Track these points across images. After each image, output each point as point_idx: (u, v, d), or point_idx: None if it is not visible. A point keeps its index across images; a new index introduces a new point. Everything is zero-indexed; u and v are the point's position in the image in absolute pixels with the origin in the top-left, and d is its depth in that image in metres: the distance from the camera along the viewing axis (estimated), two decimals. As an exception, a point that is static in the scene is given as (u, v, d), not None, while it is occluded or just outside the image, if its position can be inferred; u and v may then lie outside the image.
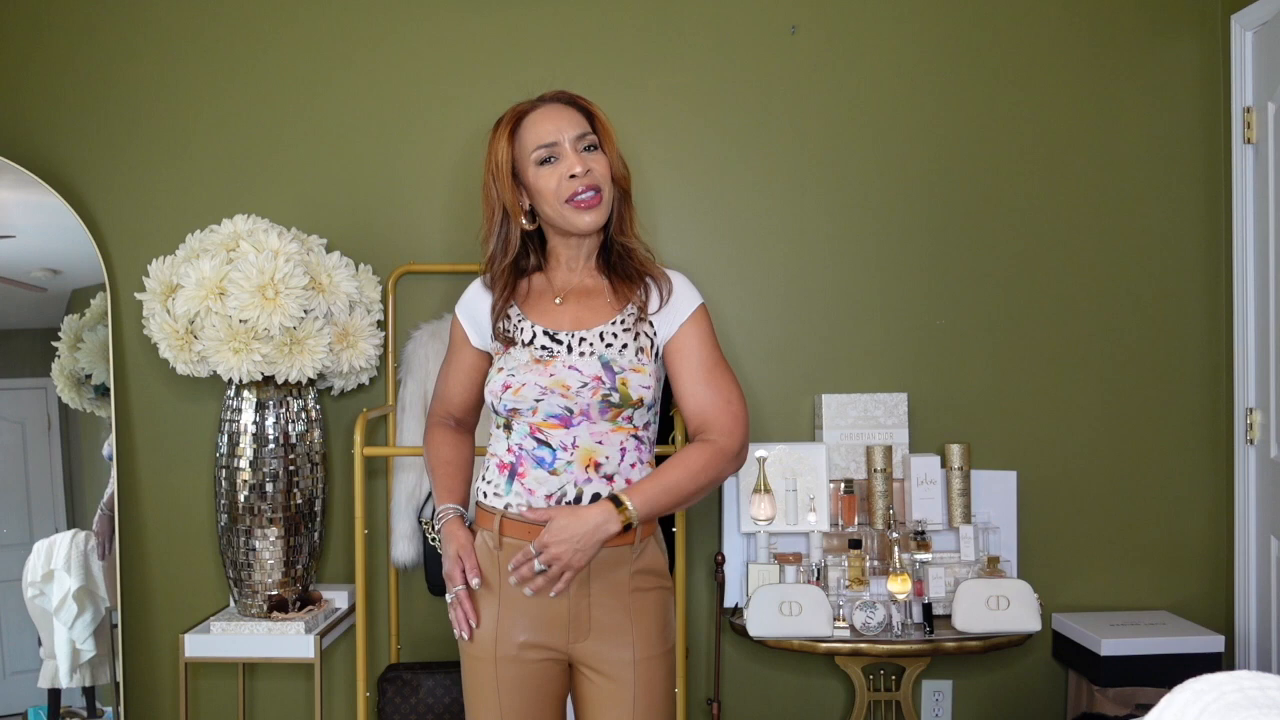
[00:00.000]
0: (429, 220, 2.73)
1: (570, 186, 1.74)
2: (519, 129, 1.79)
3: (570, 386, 1.72)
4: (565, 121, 1.77)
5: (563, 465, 1.73)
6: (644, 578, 1.77)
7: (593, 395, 1.71)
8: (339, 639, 2.63)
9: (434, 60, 2.73)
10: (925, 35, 2.74)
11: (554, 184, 1.74)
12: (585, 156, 1.76)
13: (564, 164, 1.75)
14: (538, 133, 1.77)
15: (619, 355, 1.75)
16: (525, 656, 1.75)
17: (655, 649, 1.77)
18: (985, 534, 2.61)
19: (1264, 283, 2.58)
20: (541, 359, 1.75)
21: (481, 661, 1.76)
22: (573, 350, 1.75)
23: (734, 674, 2.75)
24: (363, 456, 2.40)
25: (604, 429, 1.74)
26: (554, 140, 1.75)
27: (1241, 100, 2.64)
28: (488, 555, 1.77)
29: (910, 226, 2.75)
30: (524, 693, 1.75)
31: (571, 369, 1.73)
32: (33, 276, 2.70)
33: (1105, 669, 2.48)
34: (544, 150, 1.76)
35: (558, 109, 1.79)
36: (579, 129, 1.77)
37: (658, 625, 1.78)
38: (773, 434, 2.72)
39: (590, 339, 1.76)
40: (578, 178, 1.74)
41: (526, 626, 1.74)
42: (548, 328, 1.78)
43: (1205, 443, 2.76)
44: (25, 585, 2.64)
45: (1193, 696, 0.97)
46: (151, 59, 2.73)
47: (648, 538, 1.79)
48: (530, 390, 1.72)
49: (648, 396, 1.74)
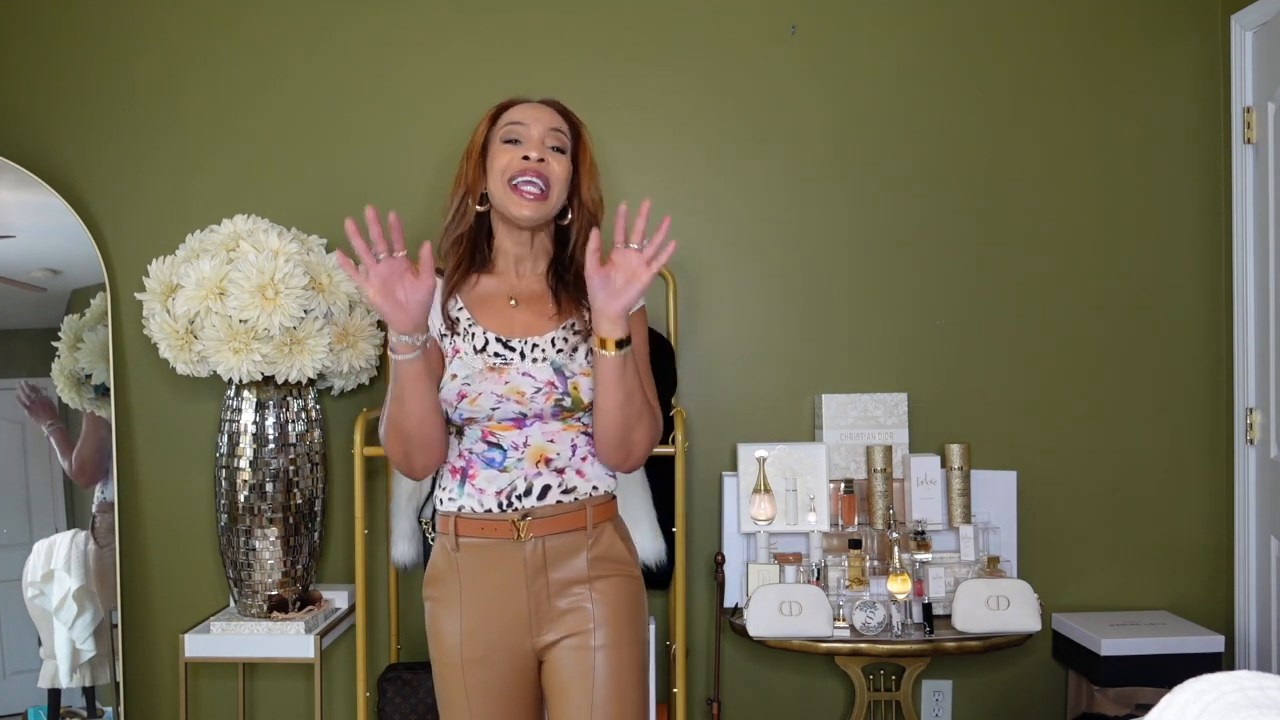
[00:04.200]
0: (429, 220, 2.72)
1: (518, 166, 1.73)
2: (501, 113, 1.80)
3: (525, 393, 1.73)
4: (545, 115, 1.78)
5: (513, 463, 1.74)
6: (604, 564, 1.76)
7: (546, 400, 1.73)
8: (339, 639, 2.63)
9: (434, 60, 2.73)
10: (925, 36, 2.74)
11: (504, 161, 1.75)
12: (547, 151, 1.76)
13: (522, 147, 1.75)
14: (513, 114, 1.78)
15: (569, 360, 1.76)
16: (492, 659, 1.73)
17: (623, 636, 1.74)
18: (985, 534, 2.61)
19: (1264, 283, 2.58)
20: (495, 366, 1.75)
21: (449, 667, 1.75)
22: (525, 357, 1.76)
23: (734, 674, 2.75)
24: (363, 456, 2.40)
25: (555, 428, 1.76)
26: (524, 123, 1.76)
27: (1241, 100, 2.64)
28: (446, 559, 1.76)
29: (910, 227, 2.75)
30: (494, 698, 1.73)
31: (525, 375, 1.74)
32: (33, 276, 2.70)
33: (1105, 669, 2.48)
34: (511, 129, 1.76)
35: (544, 107, 1.81)
36: (554, 125, 1.78)
37: (624, 613, 1.76)
38: (773, 434, 2.72)
39: (542, 345, 1.76)
40: (529, 161, 1.73)
41: (491, 627, 1.73)
42: (499, 334, 1.77)
43: (1205, 443, 2.76)
44: (25, 585, 2.64)
45: (1193, 696, 0.97)
46: (152, 59, 2.73)
47: (603, 523, 1.78)
48: (487, 400, 1.72)
49: None
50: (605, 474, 1.80)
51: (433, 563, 1.80)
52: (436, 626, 1.77)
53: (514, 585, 1.73)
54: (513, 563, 1.73)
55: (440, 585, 1.77)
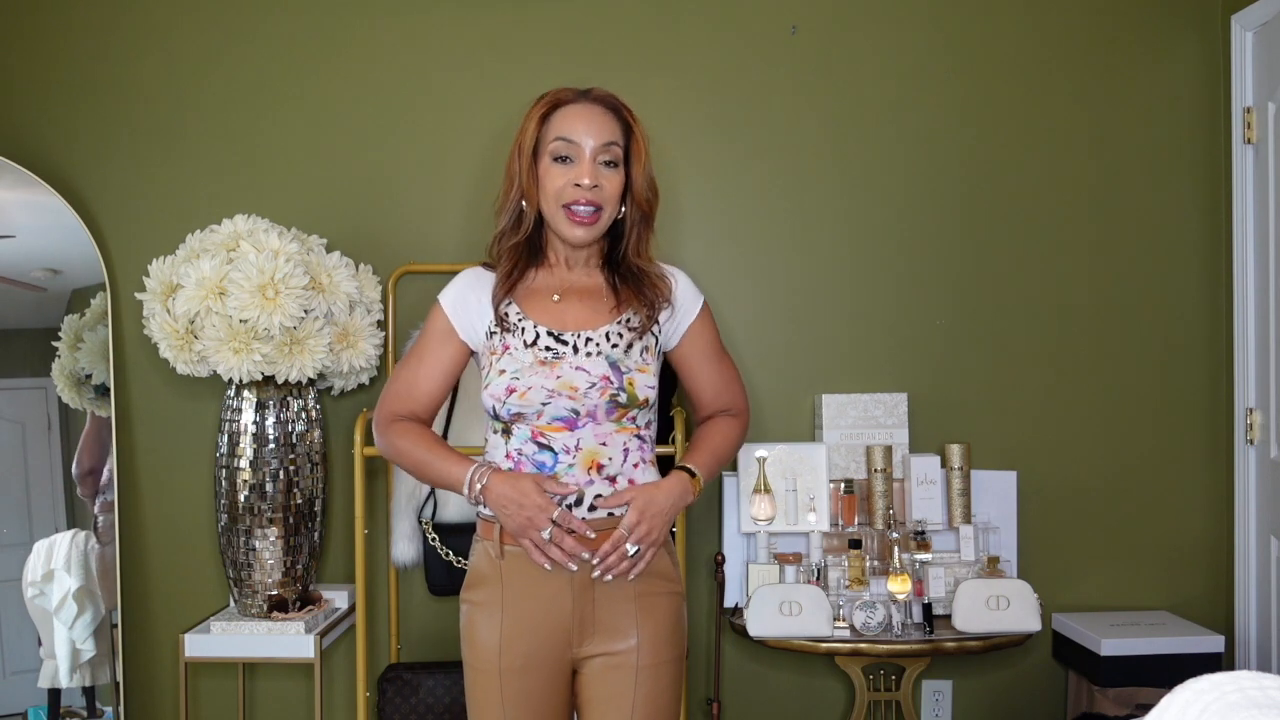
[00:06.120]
0: (429, 220, 2.73)
1: (571, 194, 1.71)
2: (552, 115, 1.74)
3: (578, 388, 1.69)
4: (597, 126, 1.72)
5: (564, 469, 1.71)
6: (651, 581, 1.75)
7: (601, 396, 1.69)
8: (339, 639, 2.63)
9: (435, 60, 2.73)
10: (925, 36, 2.74)
11: (559, 184, 1.71)
12: (600, 170, 1.71)
13: (575, 169, 1.70)
14: (565, 126, 1.72)
15: (625, 355, 1.73)
16: (530, 667, 1.71)
17: (663, 655, 1.74)
18: (985, 534, 2.61)
19: (1264, 283, 2.58)
20: (546, 360, 1.71)
21: (486, 675, 1.72)
22: (579, 351, 1.72)
23: (734, 674, 2.75)
24: (363, 456, 2.40)
25: (609, 430, 1.72)
26: (576, 141, 1.71)
27: (1241, 100, 2.64)
28: (490, 565, 1.74)
29: (910, 226, 2.75)
30: (530, 707, 1.71)
31: (579, 370, 1.70)
32: (33, 276, 2.70)
33: (1105, 669, 2.48)
34: (563, 145, 1.71)
35: (596, 111, 1.73)
36: (607, 138, 1.72)
37: (666, 630, 1.75)
38: (773, 434, 2.72)
39: (596, 339, 1.73)
40: (582, 188, 1.70)
41: (532, 636, 1.71)
42: (551, 327, 1.74)
43: (1205, 443, 2.76)
44: (25, 585, 2.64)
45: (1193, 696, 0.97)
46: (152, 59, 2.73)
47: None
48: (537, 394, 1.68)
49: (652, 396, 1.74)
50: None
51: (474, 568, 1.77)
52: (473, 631, 1.74)
53: (561, 596, 1.71)
54: (562, 573, 1.70)
55: (481, 590, 1.74)
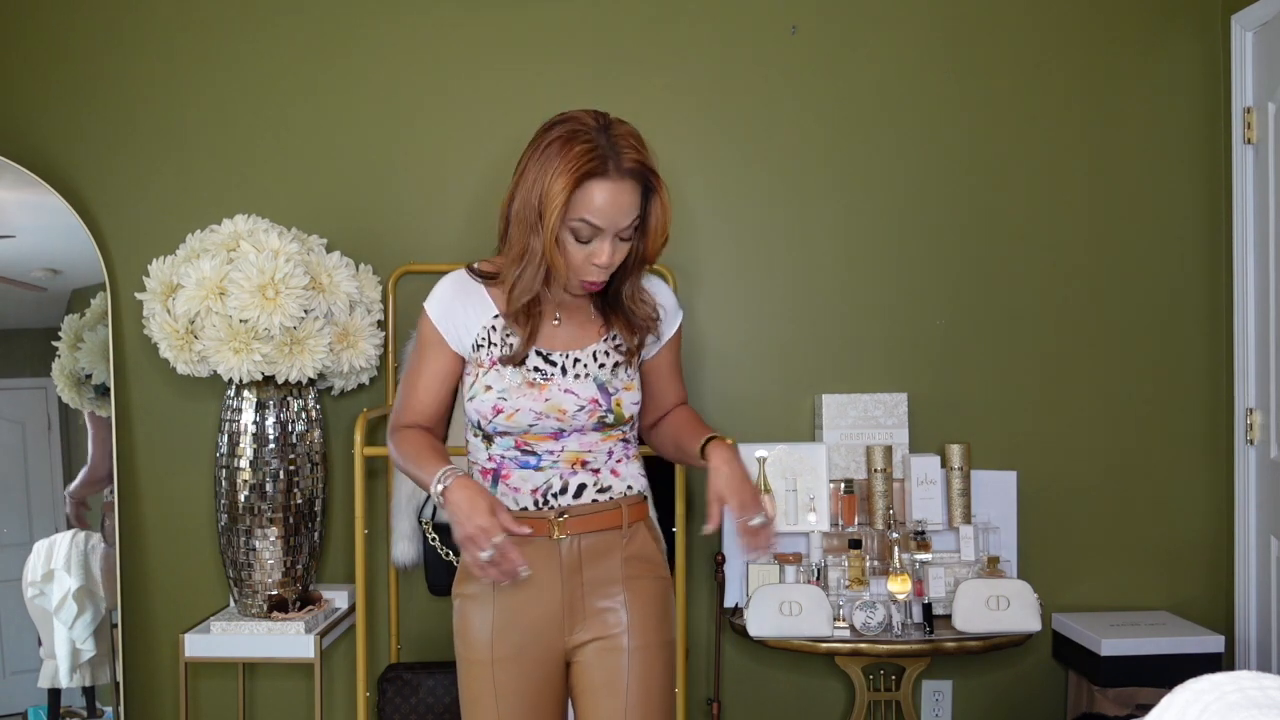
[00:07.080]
0: (429, 220, 2.73)
1: (589, 272, 1.69)
2: (582, 186, 1.63)
3: (566, 410, 1.71)
4: (625, 208, 1.65)
5: (549, 464, 1.74)
6: (637, 564, 1.76)
7: (589, 418, 1.72)
8: (339, 639, 2.63)
9: (435, 59, 2.73)
10: (925, 36, 2.74)
11: (578, 259, 1.68)
12: (619, 246, 1.69)
13: (594, 249, 1.67)
14: (594, 207, 1.64)
15: (612, 376, 1.75)
16: (522, 658, 1.72)
17: (652, 637, 1.75)
18: (985, 534, 2.61)
19: (1264, 283, 2.58)
20: (535, 382, 1.72)
21: (479, 665, 1.73)
22: (567, 373, 1.73)
23: (734, 674, 2.75)
24: (363, 456, 2.40)
25: (594, 439, 1.75)
26: (603, 227, 1.65)
27: (1241, 100, 2.64)
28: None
29: (910, 226, 2.75)
30: (523, 698, 1.72)
31: (568, 393, 1.71)
32: (33, 276, 2.70)
33: (1105, 669, 2.48)
34: (588, 228, 1.65)
35: (624, 190, 1.65)
36: (630, 218, 1.67)
37: (654, 614, 1.76)
38: (773, 434, 2.72)
39: (584, 359, 1.74)
40: (600, 268, 1.68)
41: (523, 625, 1.72)
42: (540, 347, 1.74)
43: (1205, 443, 2.76)
44: (25, 585, 2.64)
45: (1193, 696, 0.97)
46: (152, 58, 2.73)
47: (637, 523, 1.78)
48: (524, 416, 1.70)
49: (637, 410, 1.78)
50: (639, 474, 1.81)
51: (466, 563, 1.75)
52: (466, 623, 1.75)
53: (549, 583, 1.72)
54: (549, 560, 1.72)
55: (473, 583, 1.75)
